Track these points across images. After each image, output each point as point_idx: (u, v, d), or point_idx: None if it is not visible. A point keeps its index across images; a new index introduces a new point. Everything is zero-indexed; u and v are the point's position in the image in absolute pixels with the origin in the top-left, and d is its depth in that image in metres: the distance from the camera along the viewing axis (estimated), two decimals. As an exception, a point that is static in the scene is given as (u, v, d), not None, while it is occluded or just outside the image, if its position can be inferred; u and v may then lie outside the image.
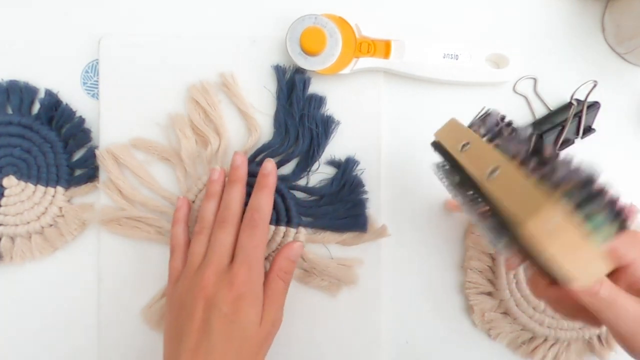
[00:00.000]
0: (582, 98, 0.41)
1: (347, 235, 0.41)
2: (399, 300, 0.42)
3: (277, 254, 0.38)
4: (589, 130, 0.42)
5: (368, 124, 0.42)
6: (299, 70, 0.41)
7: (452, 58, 0.40)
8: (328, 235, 0.41)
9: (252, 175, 0.40)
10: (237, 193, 0.38)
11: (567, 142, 0.42)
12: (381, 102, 0.42)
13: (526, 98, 0.42)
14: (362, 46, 0.40)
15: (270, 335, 0.36)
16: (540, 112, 0.42)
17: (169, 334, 0.35)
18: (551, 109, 0.42)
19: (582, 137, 0.42)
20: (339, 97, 0.42)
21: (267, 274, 0.37)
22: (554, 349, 0.41)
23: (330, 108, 0.42)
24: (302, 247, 0.39)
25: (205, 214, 0.38)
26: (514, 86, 0.42)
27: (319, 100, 0.41)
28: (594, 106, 0.41)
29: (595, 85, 0.40)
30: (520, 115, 0.43)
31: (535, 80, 0.42)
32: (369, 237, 0.41)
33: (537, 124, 0.41)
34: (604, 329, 0.40)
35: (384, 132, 0.42)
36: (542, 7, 0.43)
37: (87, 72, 0.43)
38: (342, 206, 0.41)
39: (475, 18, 0.43)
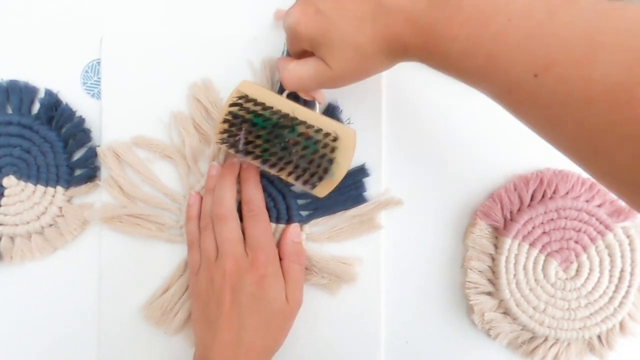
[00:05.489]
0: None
1: (347, 225, 0.41)
2: (399, 300, 0.42)
3: (280, 244, 0.40)
4: None
5: (369, 121, 0.42)
6: None
7: None
8: (329, 232, 0.41)
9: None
10: (226, 187, 0.39)
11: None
12: (382, 97, 0.42)
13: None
14: None
15: (294, 314, 0.39)
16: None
17: (200, 320, 0.38)
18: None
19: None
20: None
21: (281, 263, 0.39)
22: (554, 349, 0.41)
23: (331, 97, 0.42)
24: (297, 227, 0.41)
25: (207, 209, 0.40)
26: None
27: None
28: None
29: None
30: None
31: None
32: (370, 225, 0.41)
33: None
34: (604, 328, 0.40)
35: (384, 129, 0.42)
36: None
37: (87, 72, 0.43)
38: (342, 181, 0.41)
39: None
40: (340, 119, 0.41)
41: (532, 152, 0.42)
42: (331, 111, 0.41)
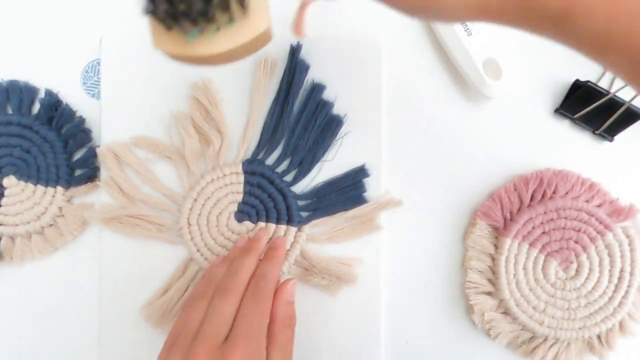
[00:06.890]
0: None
1: (347, 226, 0.41)
2: (399, 300, 0.42)
3: (274, 302, 0.35)
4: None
5: (369, 121, 0.42)
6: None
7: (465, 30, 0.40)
8: (329, 233, 0.41)
9: (252, 173, 0.41)
10: (250, 261, 0.36)
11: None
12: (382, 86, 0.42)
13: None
14: None
15: None
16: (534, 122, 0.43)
17: None
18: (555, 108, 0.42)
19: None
20: (339, 63, 0.42)
21: (270, 326, 0.34)
22: (554, 348, 0.41)
23: (329, 76, 0.42)
24: (295, 284, 0.37)
25: (214, 277, 0.35)
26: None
27: (326, 104, 0.42)
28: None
29: None
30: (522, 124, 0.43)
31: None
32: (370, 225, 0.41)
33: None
34: (603, 328, 0.40)
35: (384, 129, 0.42)
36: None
37: (87, 72, 0.43)
38: (342, 181, 0.41)
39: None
40: (339, 118, 0.42)
41: (532, 152, 0.42)
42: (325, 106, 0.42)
